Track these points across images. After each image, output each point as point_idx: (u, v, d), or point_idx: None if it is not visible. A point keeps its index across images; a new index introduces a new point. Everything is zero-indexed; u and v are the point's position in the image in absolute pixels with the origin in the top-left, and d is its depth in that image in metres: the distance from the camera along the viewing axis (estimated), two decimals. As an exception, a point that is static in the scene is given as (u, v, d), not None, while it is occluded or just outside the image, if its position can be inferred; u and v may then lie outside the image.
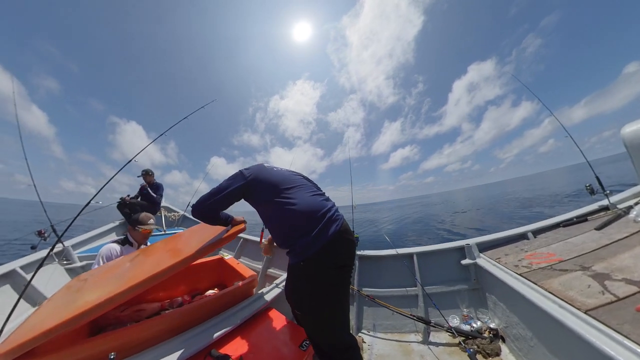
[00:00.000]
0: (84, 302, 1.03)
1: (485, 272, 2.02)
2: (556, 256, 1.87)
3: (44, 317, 1.05)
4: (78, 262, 2.79)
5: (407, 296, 2.32)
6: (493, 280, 1.92)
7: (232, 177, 1.34)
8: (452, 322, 1.92)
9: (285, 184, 1.31)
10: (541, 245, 2.14)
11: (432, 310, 2.16)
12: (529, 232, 2.36)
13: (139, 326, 1.18)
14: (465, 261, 2.22)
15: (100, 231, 3.83)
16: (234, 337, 1.29)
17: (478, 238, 2.39)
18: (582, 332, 1.17)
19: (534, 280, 1.63)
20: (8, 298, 1.92)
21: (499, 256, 2.12)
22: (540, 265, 1.80)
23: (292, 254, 1.22)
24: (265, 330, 1.38)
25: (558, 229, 2.40)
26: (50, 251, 1.67)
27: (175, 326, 1.26)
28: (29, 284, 1.35)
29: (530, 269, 1.79)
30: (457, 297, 2.18)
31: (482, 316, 1.96)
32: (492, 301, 1.97)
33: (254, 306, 1.54)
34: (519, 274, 1.75)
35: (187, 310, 1.34)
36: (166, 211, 5.31)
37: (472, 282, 2.16)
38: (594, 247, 1.87)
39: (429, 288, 2.24)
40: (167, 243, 1.95)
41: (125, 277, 1.24)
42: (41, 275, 1.33)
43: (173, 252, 1.56)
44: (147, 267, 1.33)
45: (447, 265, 2.34)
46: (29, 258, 2.27)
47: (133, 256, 1.81)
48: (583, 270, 1.61)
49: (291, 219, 1.21)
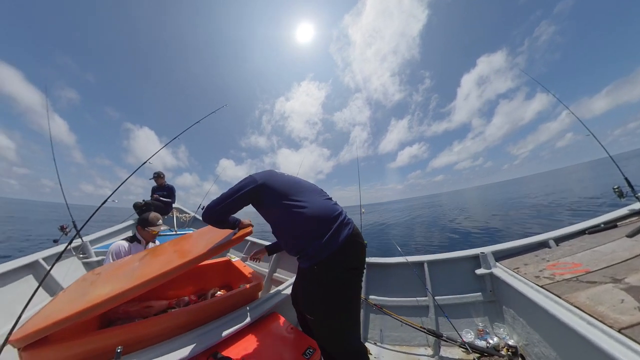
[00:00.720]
0: (96, 295, 1.08)
1: (503, 283, 1.87)
2: (582, 266, 1.71)
3: (59, 307, 1.10)
4: (94, 256, 2.92)
5: (417, 307, 2.19)
6: (511, 292, 1.77)
7: (243, 181, 1.34)
8: (465, 337, 1.78)
9: (296, 188, 1.33)
10: (565, 255, 1.96)
11: (443, 322, 2.01)
12: (550, 239, 2.17)
13: (146, 322, 1.20)
14: (480, 271, 2.07)
15: (116, 228, 4.00)
16: (238, 340, 1.29)
17: (494, 246, 2.24)
18: (616, 354, 1.03)
19: (558, 294, 1.48)
20: (29, 287, 2.03)
21: (517, 266, 1.96)
22: (565, 276, 1.64)
23: (303, 258, 1.21)
24: (269, 335, 1.36)
25: (583, 237, 2.21)
26: (69, 244, 1.75)
27: (181, 325, 1.27)
28: (47, 274, 1.44)
29: (554, 280, 1.63)
30: (471, 309, 2.03)
31: (500, 331, 1.80)
32: (511, 315, 1.81)
33: (259, 310, 1.53)
34: (540, 286, 1.61)
35: (193, 309, 1.36)
36: (178, 212, 5.48)
37: (488, 293, 2.00)
38: (626, 256, 1.69)
39: (441, 299, 2.10)
40: (175, 244, 1.97)
41: (136, 274, 1.28)
42: (60, 267, 1.43)
43: (181, 252, 1.58)
44: (156, 265, 1.36)
45: (460, 274, 2.19)
46: (50, 250, 2.41)
47: (143, 255, 1.85)
48: (614, 283, 1.45)
49: (303, 223, 1.21)
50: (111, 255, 2.08)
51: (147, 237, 2.32)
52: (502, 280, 1.87)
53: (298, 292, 1.37)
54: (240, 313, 1.47)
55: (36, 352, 0.94)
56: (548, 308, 1.43)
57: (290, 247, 1.30)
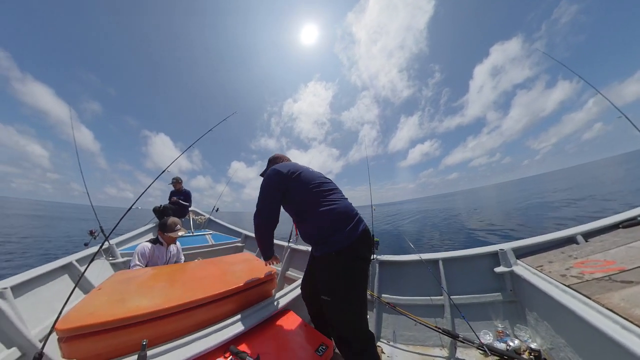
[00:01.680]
0: (136, 307, 1.20)
1: (525, 282, 1.74)
2: (616, 264, 1.55)
3: (98, 304, 1.23)
4: (120, 258, 3.15)
5: (431, 306, 2.11)
6: (534, 292, 1.65)
7: (271, 176, 1.48)
8: (484, 339, 1.68)
9: (324, 185, 1.48)
10: (595, 251, 1.79)
11: (460, 323, 1.92)
12: (578, 234, 2.00)
13: (169, 319, 1.28)
14: (499, 269, 1.95)
15: (139, 231, 4.27)
16: (252, 336, 1.34)
17: (514, 242, 2.09)
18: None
19: (588, 294, 1.36)
20: (65, 285, 2.29)
21: (541, 263, 1.82)
22: (595, 275, 1.50)
23: (323, 246, 1.33)
24: (283, 332, 1.40)
25: (617, 231, 2.01)
26: (100, 248, 1.96)
27: (200, 321, 1.34)
28: (82, 275, 1.56)
29: (582, 279, 1.50)
30: (489, 309, 1.91)
31: (521, 334, 1.68)
32: (534, 317, 1.68)
33: (273, 307, 1.58)
34: (567, 286, 1.48)
35: (211, 307, 1.43)
36: (194, 214, 5.73)
37: (508, 293, 1.88)
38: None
39: (457, 298, 2.00)
40: (205, 267, 2.03)
41: (172, 294, 1.39)
42: (90, 268, 1.61)
43: (214, 281, 1.66)
44: (191, 290, 1.46)
45: (477, 273, 2.08)
46: (82, 253, 2.67)
47: (176, 269, 2.01)
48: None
49: (332, 216, 1.36)
50: (137, 255, 2.31)
51: (167, 241, 2.52)
52: (523, 279, 1.75)
53: (314, 279, 1.45)
54: (255, 309, 1.52)
55: (75, 342, 1.05)
56: (576, 310, 1.31)
57: (310, 235, 1.44)
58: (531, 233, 8.03)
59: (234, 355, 1.16)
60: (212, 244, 4.21)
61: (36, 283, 2.06)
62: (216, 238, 4.62)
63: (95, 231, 2.95)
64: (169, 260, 2.54)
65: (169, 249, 2.56)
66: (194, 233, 4.96)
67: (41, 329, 1.72)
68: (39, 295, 2.02)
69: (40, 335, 1.66)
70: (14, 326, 1.53)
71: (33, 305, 1.88)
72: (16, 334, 1.53)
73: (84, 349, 1.07)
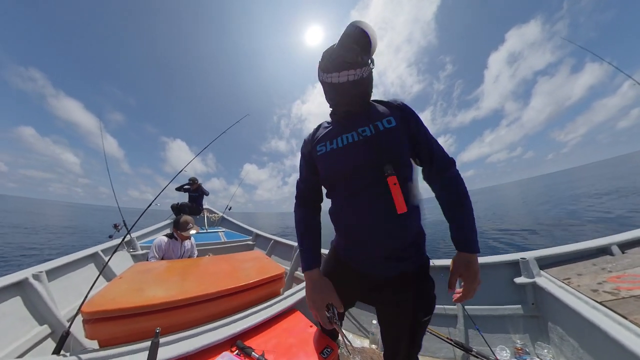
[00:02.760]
0: (152, 296, 1.29)
1: (548, 296, 1.60)
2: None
3: (119, 292, 1.32)
4: (140, 250, 3.39)
5: (444, 315, 2.00)
6: (559, 307, 1.50)
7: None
8: (500, 355, 1.56)
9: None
10: (634, 265, 1.60)
11: (474, 335, 1.80)
12: (614, 244, 1.81)
13: (182, 310, 1.34)
14: (520, 279, 1.80)
15: (157, 227, 4.58)
16: (259, 333, 1.36)
17: (538, 251, 1.93)
18: None
19: (624, 314, 1.21)
20: (91, 272, 2.50)
21: (568, 276, 1.66)
22: (634, 292, 1.34)
23: (414, 259, 0.90)
24: (289, 331, 1.41)
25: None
26: (123, 240, 2.07)
27: (210, 314, 1.39)
28: (106, 264, 1.73)
29: (618, 296, 1.34)
30: (507, 323, 1.77)
31: (543, 352, 1.53)
32: (558, 334, 1.53)
33: (280, 305, 1.58)
34: (599, 302, 1.34)
35: (221, 302, 1.48)
36: (208, 212, 6.02)
37: (530, 306, 1.73)
38: None
39: (471, 308, 1.87)
40: (218, 262, 2.11)
41: (186, 286, 1.48)
42: (114, 258, 1.74)
43: (226, 275, 1.73)
44: (203, 283, 1.54)
45: (495, 283, 1.94)
46: (106, 244, 2.91)
47: (190, 263, 2.10)
48: None
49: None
50: (154, 248, 2.49)
51: (181, 237, 2.65)
52: (547, 292, 1.60)
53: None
54: (263, 307, 1.53)
55: (98, 324, 1.14)
56: (609, 330, 1.17)
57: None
58: (556, 241, 7.44)
59: (240, 350, 1.18)
60: (224, 241, 4.37)
61: (67, 269, 2.26)
62: (228, 235, 4.78)
63: (119, 225, 3.24)
64: (183, 255, 2.68)
65: (184, 244, 2.70)
66: (208, 230, 5.22)
67: (69, 310, 1.90)
68: (69, 280, 2.21)
69: (68, 316, 1.82)
70: (47, 306, 1.71)
71: (63, 289, 2.06)
72: (48, 313, 1.71)
73: (105, 331, 1.16)
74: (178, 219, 2.67)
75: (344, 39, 0.78)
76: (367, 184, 0.80)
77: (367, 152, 0.82)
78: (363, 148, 0.83)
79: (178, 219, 2.67)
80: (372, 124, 0.85)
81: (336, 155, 0.87)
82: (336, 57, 0.80)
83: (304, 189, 1.02)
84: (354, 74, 0.80)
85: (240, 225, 5.44)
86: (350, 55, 0.78)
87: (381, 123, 0.85)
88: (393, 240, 0.81)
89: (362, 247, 0.87)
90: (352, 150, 0.84)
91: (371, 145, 0.82)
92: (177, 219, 2.69)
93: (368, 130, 0.85)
